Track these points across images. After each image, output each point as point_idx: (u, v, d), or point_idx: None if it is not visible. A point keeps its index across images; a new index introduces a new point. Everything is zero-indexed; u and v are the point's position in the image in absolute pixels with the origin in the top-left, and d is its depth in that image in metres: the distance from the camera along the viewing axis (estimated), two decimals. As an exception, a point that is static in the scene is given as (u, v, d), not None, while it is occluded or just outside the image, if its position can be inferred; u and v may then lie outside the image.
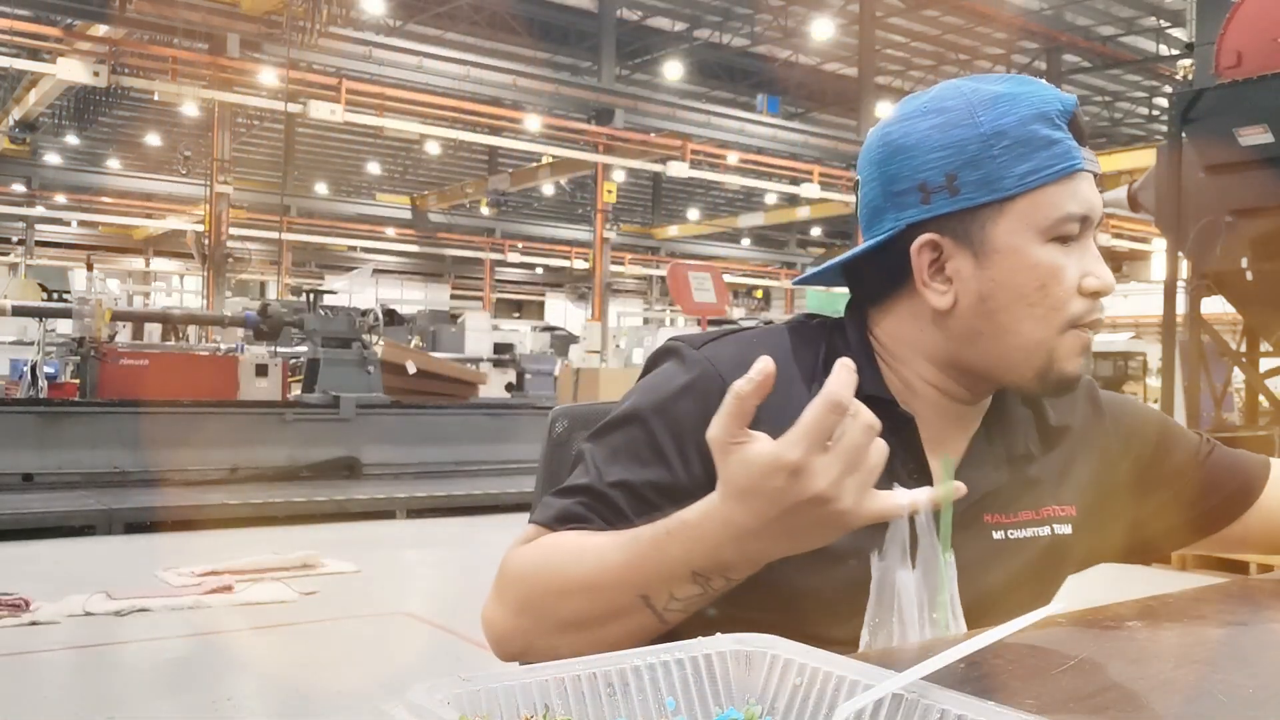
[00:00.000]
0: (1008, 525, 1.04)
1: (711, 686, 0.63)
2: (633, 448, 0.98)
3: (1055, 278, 0.96)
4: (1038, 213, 0.96)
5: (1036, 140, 0.96)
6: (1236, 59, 7.05)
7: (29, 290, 15.89)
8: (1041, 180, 0.96)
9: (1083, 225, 0.98)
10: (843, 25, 21.48)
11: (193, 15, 14.94)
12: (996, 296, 0.97)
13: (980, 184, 0.96)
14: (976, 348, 1.00)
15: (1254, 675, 0.81)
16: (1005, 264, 0.96)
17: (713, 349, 1.02)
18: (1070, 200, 0.96)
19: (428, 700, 0.53)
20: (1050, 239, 0.96)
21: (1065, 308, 0.97)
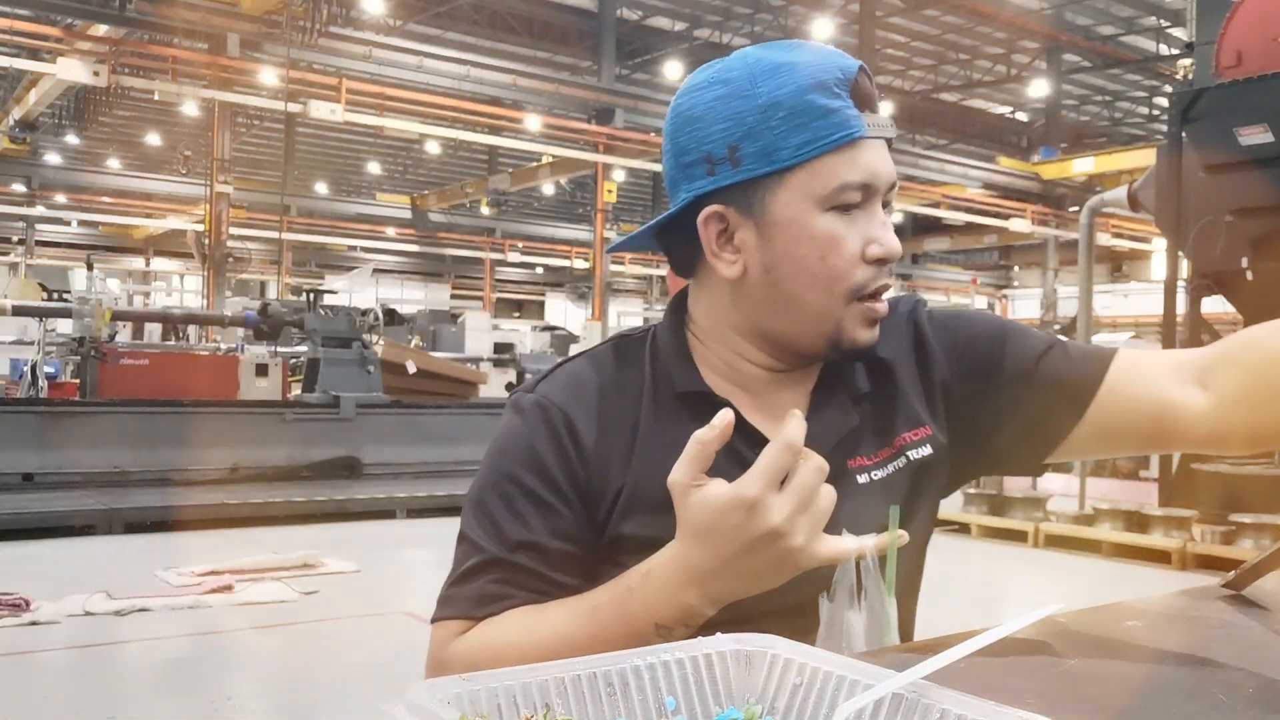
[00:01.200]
0: (870, 467, 1.04)
1: (711, 686, 0.63)
2: (513, 507, 0.98)
3: (834, 248, 0.97)
4: (815, 182, 0.95)
5: (813, 110, 0.94)
6: (1237, 58, 7.05)
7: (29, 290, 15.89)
8: (817, 150, 0.95)
9: (865, 193, 0.97)
10: (843, 25, 21.48)
11: (193, 15, 14.94)
12: (780, 267, 0.98)
13: (759, 155, 0.96)
14: (771, 317, 1.02)
15: (1254, 675, 0.81)
16: (786, 234, 0.97)
17: (544, 388, 1.04)
18: (848, 169, 0.96)
19: (428, 700, 0.53)
20: (830, 208, 0.96)
21: (848, 277, 0.97)
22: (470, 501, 1.02)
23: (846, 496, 0.99)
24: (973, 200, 23.52)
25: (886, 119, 0.99)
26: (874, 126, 0.97)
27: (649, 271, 30.62)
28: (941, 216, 23.91)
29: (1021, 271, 33.17)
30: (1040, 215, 24.15)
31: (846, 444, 1.04)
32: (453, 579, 0.99)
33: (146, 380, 10.12)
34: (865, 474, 1.04)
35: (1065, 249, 25.14)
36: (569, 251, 29.07)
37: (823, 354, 1.02)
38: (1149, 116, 27.99)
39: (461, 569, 0.98)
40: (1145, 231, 22.47)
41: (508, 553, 0.96)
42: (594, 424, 1.01)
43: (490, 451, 1.04)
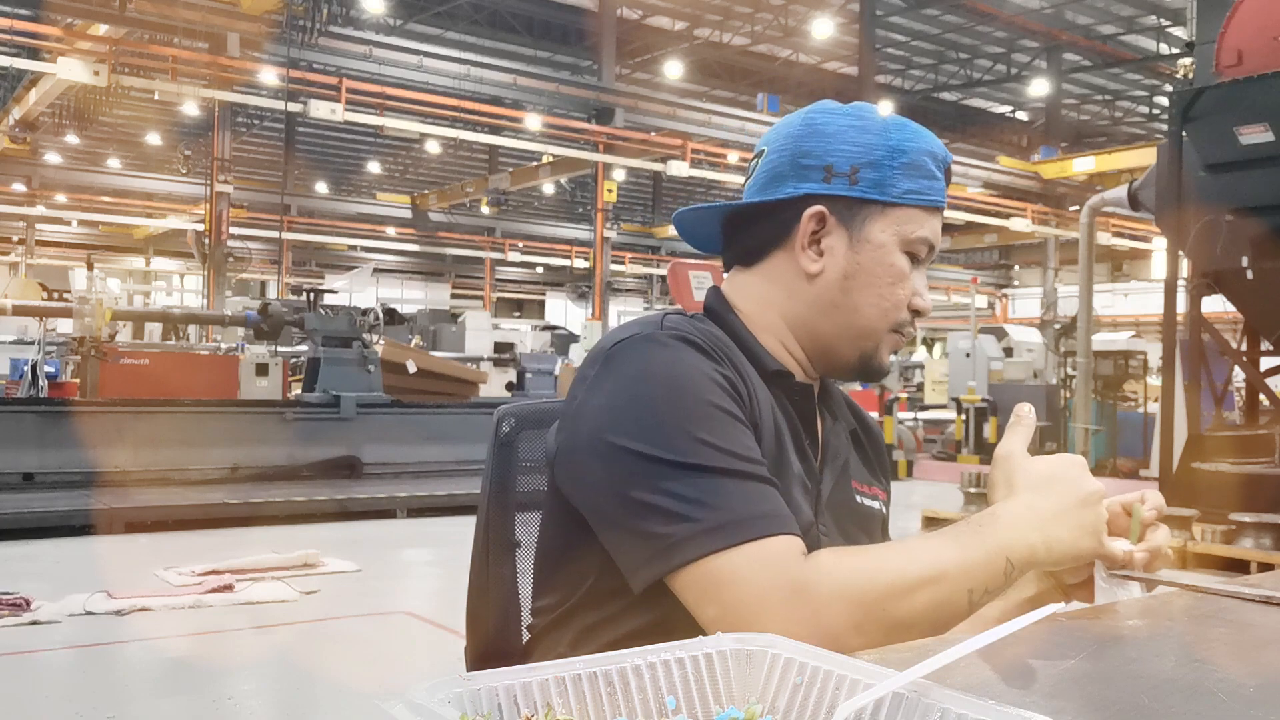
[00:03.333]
0: (861, 493, 1.20)
1: (712, 685, 0.63)
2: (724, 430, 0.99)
3: (902, 281, 1.14)
4: (907, 225, 1.13)
5: (925, 169, 1.13)
6: (1237, 58, 7.05)
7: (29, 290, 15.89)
8: (918, 201, 1.13)
9: (928, 252, 1.16)
10: (843, 24, 21.47)
11: (193, 15, 14.93)
12: (857, 278, 1.13)
13: (875, 184, 1.12)
14: (828, 318, 1.15)
15: (1254, 675, 0.81)
16: (874, 255, 1.13)
17: (675, 325, 1.08)
18: (927, 227, 1.15)
19: (428, 700, 0.53)
20: (905, 250, 1.14)
21: (899, 309, 1.14)
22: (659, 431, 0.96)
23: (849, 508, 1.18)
24: (973, 200, 23.51)
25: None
26: (946, 199, 1.18)
27: (649, 271, 30.62)
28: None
29: (1021, 271, 33.16)
30: (1040, 215, 24.14)
31: (847, 466, 1.20)
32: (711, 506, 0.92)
33: (146, 380, 10.12)
34: (860, 497, 1.19)
35: (1065, 248, 25.14)
36: (569, 251, 29.07)
37: (852, 365, 1.17)
38: (1149, 116, 27.98)
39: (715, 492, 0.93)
40: (1145, 231, 22.47)
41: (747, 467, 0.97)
42: (727, 360, 1.07)
43: (651, 382, 1.00)
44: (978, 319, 18.53)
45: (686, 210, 1.22)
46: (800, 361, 1.17)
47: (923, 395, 19.06)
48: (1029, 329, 21.58)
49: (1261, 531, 6.70)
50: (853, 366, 1.17)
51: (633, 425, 0.96)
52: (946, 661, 0.59)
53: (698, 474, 0.93)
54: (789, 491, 1.04)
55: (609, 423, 0.97)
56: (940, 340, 26.94)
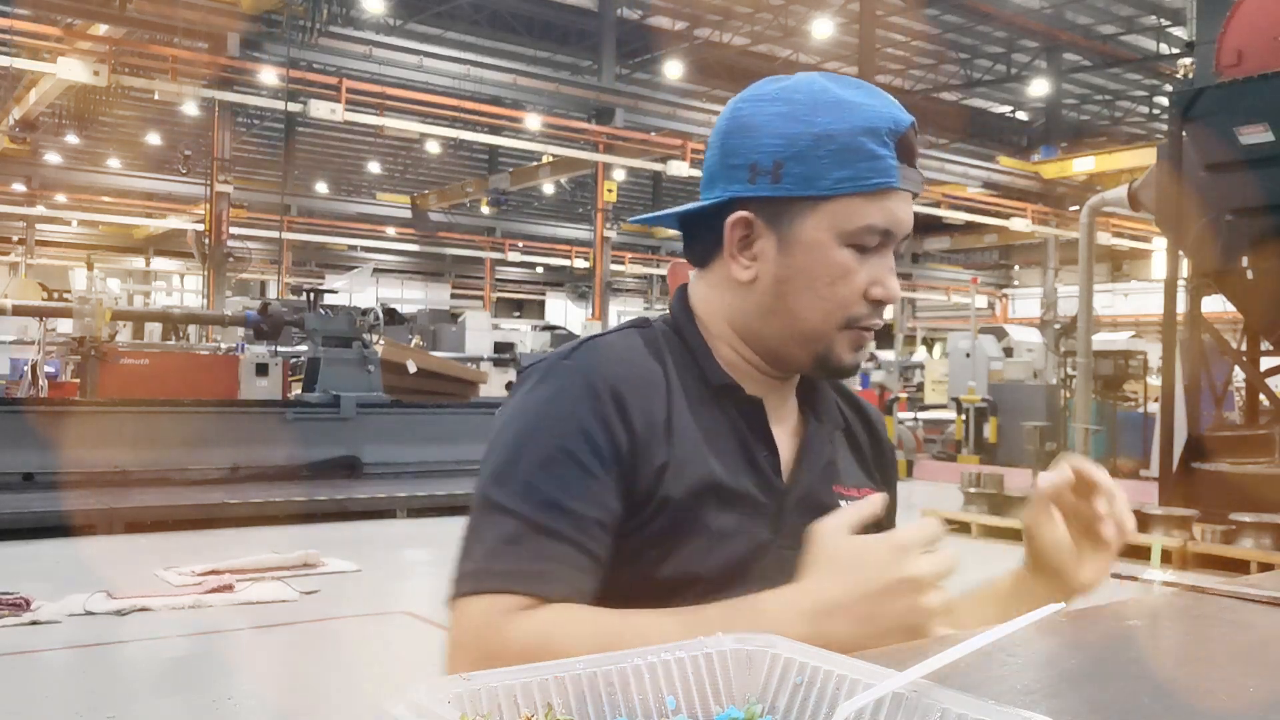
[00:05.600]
0: (847, 497, 1.11)
1: (712, 686, 0.63)
2: (554, 473, 0.95)
3: (845, 279, 1.03)
4: (843, 217, 1.01)
5: (860, 152, 1.00)
6: (1237, 57, 7.05)
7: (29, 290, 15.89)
8: (853, 189, 1.01)
9: (884, 238, 1.03)
10: (843, 24, 21.46)
11: (192, 15, 14.93)
12: (791, 282, 1.04)
13: (800, 179, 1.01)
14: (768, 323, 1.07)
15: (1254, 675, 0.81)
16: (806, 256, 1.03)
17: (582, 357, 1.03)
18: (876, 213, 1.02)
19: (428, 700, 0.53)
20: (849, 244, 1.02)
21: (848, 307, 1.04)
22: (499, 467, 0.97)
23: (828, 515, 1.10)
24: (973, 200, 23.52)
25: (919, 176, 1.06)
26: (907, 180, 1.03)
27: (649, 271, 30.63)
28: (942, 216, 23.89)
29: (1021, 271, 33.16)
30: (1040, 214, 24.14)
31: (832, 470, 1.12)
32: (486, 549, 0.93)
33: (146, 380, 10.12)
34: (843, 501, 1.09)
35: (1065, 248, 25.14)
36: (569, 251, 29.07)
37: (808, 369, 1.08)
38: (1149, 115, 27.98)
39: (495, 538, 0.93)
40: (1145, 231, 22.47)
41: (550, 520, 0.93)
42: (636, 394, 1.01)
43: (521, 416, 1.00)
44: (978, 319, 18.53)
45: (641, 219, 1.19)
46: (757, 366, 1.09)
47: (923, 395, 19.06)
48: (1029, 329, 21.59)
49: (1261, 531, 6.70)
50: (810, 368, 1.08)
51: (492, 456, 0.99)
52: (946, 661, 0.59)
53: (506, 517, 0.93)
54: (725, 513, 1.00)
55: (487, 447, 1.01)
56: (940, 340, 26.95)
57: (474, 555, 0.93)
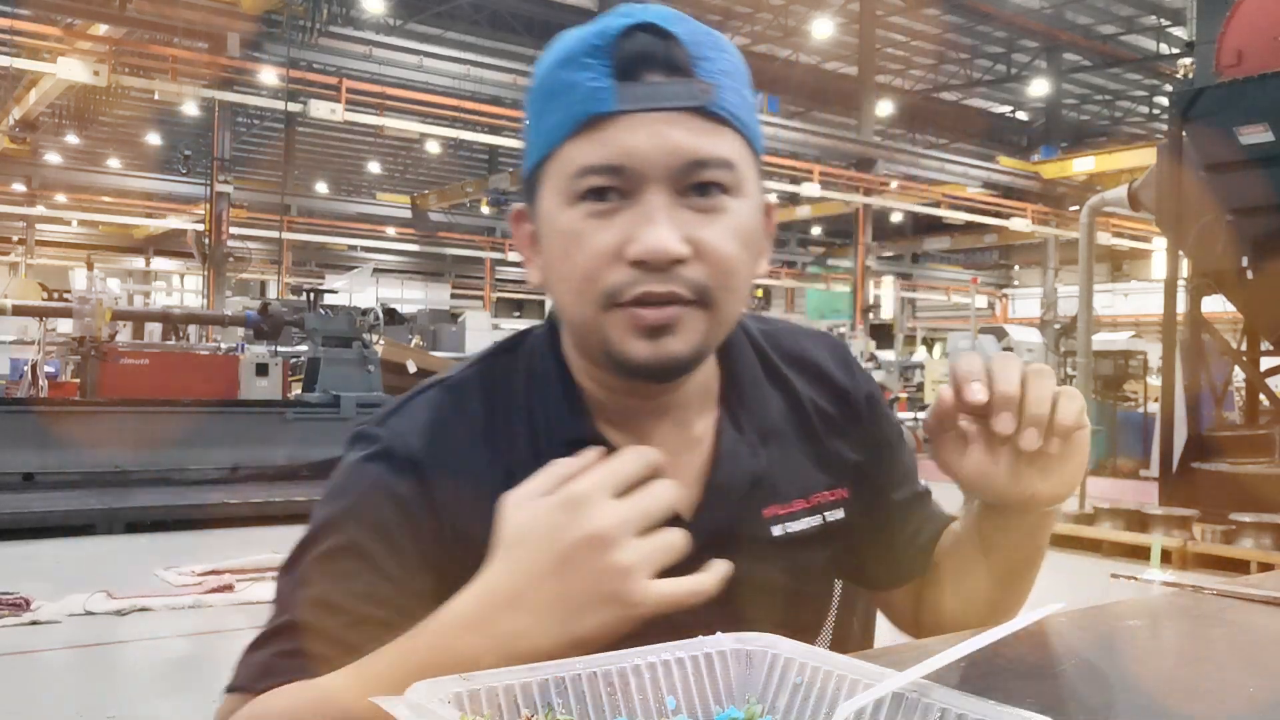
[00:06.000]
0: (785, 518, 0.93)
1: (712, 685, 0.63)
2: (334, 566, 0.82)
3: (577, 245, 0.81)
4: (560, 171, 0.82)
5: (563, 83, 0.81)
6: (1237, 58, 7.05)
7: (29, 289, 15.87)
8: (559, 135, 0.81)
9: (623, 179, 0.80)
10: (843, 24, 21.48)
11: (193, 15, 14.93)
12: (550, 270, 0.85)
13: (532, 145, 0.86)
14: (571, 338, 0.90)
15: (1254, 675, 0.81)
16: (547, 234, 0.85)
17: (396, 425, 0.89)
18: (589, 151, 0.80)
19: (428, 699, 0.53)
20: (580, 200, 0.81)
21: (597, 279, 0.80)
22: (293, 549, 0.86)
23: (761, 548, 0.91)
24: (973, 200, 23.52)
25: (672, 83, 0.80)
26: (633, 97, 0.79)
27: (649, 271, 30.57)
28: (941, 216, 23.90)
29: (1021, 271, 33.16)
30: (1040, 215, 24.14)
31: (761, 490, 0.92)
32: (254, 639, 0.82)
33: (146, 380, 10.11)
34: (781, 525, 0.93)
35: (1065, 248, 25.14)
36: (569, 251, 29.07)
37: (614, 370, 0.85)
38: (1149, 116, 27.99)
39: (263, 629, 0.83)
40: (1145, 231, 22.46)
41: (314, 618, 0.79)
42: (452, 476, 0.85)
43: (324, 496, 0.87)
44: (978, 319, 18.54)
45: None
46: (614, 389, 0.89)
47: (923, 395, 19.06)
48: (1029, 329, 21.60)
49: (1261, 531, 6.70)
50: (615, 374, 0.85)
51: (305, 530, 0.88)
52: (946, 661, 0.59)
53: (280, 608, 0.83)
54: None
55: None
56: (940, 340, 26.95)
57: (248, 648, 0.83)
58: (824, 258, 31.74)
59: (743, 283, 0.84)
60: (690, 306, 0.81)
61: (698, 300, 0.81)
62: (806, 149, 21.56)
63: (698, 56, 0.81)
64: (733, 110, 0.83)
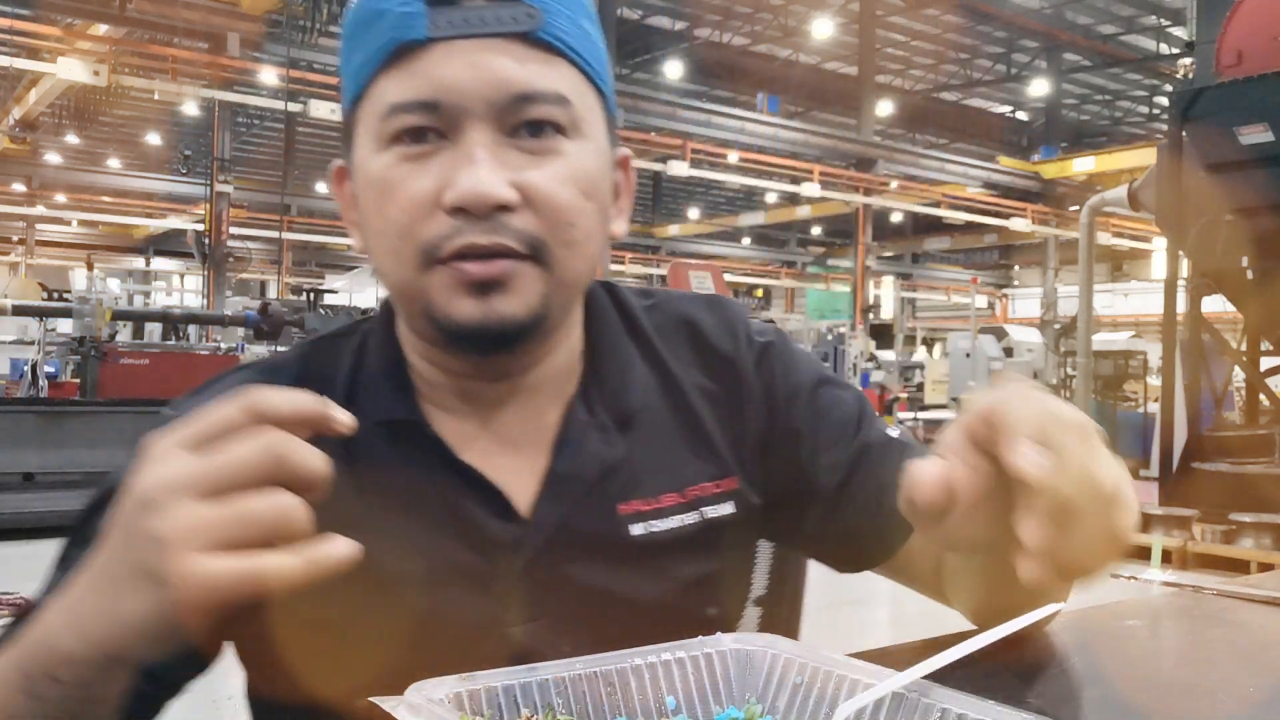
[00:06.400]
0: (649, 515, 0.79)
1: (712, 686, 0.63)
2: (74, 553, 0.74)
3: (389, 194, 0.72)
4: (371, 113, 0.73)
5: (367, 18, 0.73)
6: (1237, 57, 7.05)
7: (29, 289, 15.89)
8: (368, 70, 0.73)
9: (440, 117, 0.71)
10: (843, 24, 21.48)
11: (193, 15, 14.94)
12: (365, 227, 0.76)
13: (345, 88, 0.77)
14: (395, 305, 0.80)
15: (1254, 675, 0.81)
16: (361, 186, 0.75)
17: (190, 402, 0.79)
18: (400, 86, 0.71)
19: (428, 700, 0.53)
20: (392, 143, 0.72)
21: (415, 233, 0.71)
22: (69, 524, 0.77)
23: (618, 551, 0.78)
24: (973, 200, 23.53)
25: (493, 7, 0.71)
26: (448, 23, 0.70)
27: (649, 271, 30.63)
28: (942, 216, 23.91)
29: (1021, 271, 33.17)
30: (1040, 215, 24.15)
31: (616, 481, 0.79)
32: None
33: (147, 380, 10.11)
34: (640, 524, 0.79)
35: (1065, 248, 25.14)
36: (569, 251, 29.10)
37: (442, 340, 0.75)
38: (1149, 116, 28.00)
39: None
40: (1145, 231, 22.47)
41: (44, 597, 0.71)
42: None
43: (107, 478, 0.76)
44: (978, 319, 18.54)
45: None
46: (445, 367, 0.79)
47: (923, 395, 19.07)
48: (1029, 329, 21.60)
49: (1261, 531, 6.70)
50: (444, 339, 0.74)
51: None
52: (947, 662, 0.59)
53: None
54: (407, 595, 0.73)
55: None
56: (940, 340, 26.95)
57: None
58: (824, 258, 31.77)
59: (585, 237, 0.74)
60: (522, 261, 0.71)
61: (531, 255, 0.71)
62: (806, 149, 21.58)
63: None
64: (567, 40, 0.73)
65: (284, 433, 0.53)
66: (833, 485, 0.85)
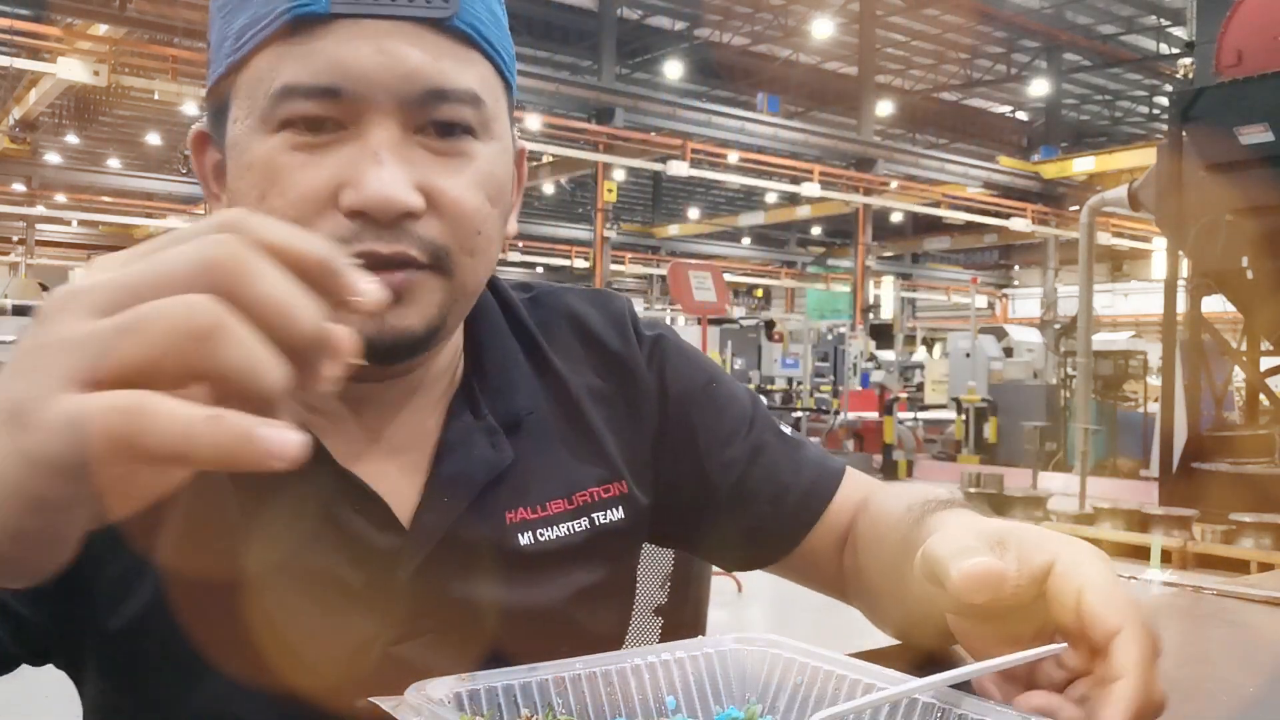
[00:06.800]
0: (536, 523, 0.76)
1: (712, 686, 0.63)
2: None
3: (274, 184, 0.64)
4: (256, 88, 0.65)
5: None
6: (1237, 57, 7.05)
7: (29, 289, 15.89)
8: (253, 39, 0.64)
9: (341, 105, 0.63)
10: (843, 24, 21.49)
11: (193, 14, 14.95)
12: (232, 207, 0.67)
13: (215, 51, 0.68)
14: None
15: (1254, 675, 0.81)
16: (236, 167, 0.67)
17: None
18: (296, 65, 0.63)
19: (427, 700, 0.53)
20: (278, 127, 0.64)
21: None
22: None
23: (502, 562, 0.73)
24: (973, 200, 23.53)
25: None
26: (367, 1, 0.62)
27: (649, 271, 30.65)
28: (941, 216, 23.92)
29: (1021, 271, 33.18)
30: (1040, 214, 24.16)
31: (503, 488, 0.75)
32: None
33: (147, 380, 10.13)
34: (528, 533, 0.75)
35: (1065, 248, 25.15)
36: (569, 251, 29.08)
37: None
38: (1149, 115, 28.01)
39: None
40: (1145, 231, 22.47)
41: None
42: None
43: None
44: (978, 319, 18.54)
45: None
46: None
47: (923, 395, 19.07)
48: (1029, 329, 21.59)
49: (1261, 531, 6.70)
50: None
51: None
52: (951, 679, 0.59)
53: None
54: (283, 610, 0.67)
55: None
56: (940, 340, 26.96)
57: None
58: (824, 258, 31.77)
59: (488, 243, 0.69)
60: (424, 271, 0.65)
61: (433, 264, 0.66)
62: (806, 149, 21.58)
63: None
64: (481, 29, 0.68)
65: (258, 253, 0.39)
66: (728, 483, 0.84)
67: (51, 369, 0.37)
